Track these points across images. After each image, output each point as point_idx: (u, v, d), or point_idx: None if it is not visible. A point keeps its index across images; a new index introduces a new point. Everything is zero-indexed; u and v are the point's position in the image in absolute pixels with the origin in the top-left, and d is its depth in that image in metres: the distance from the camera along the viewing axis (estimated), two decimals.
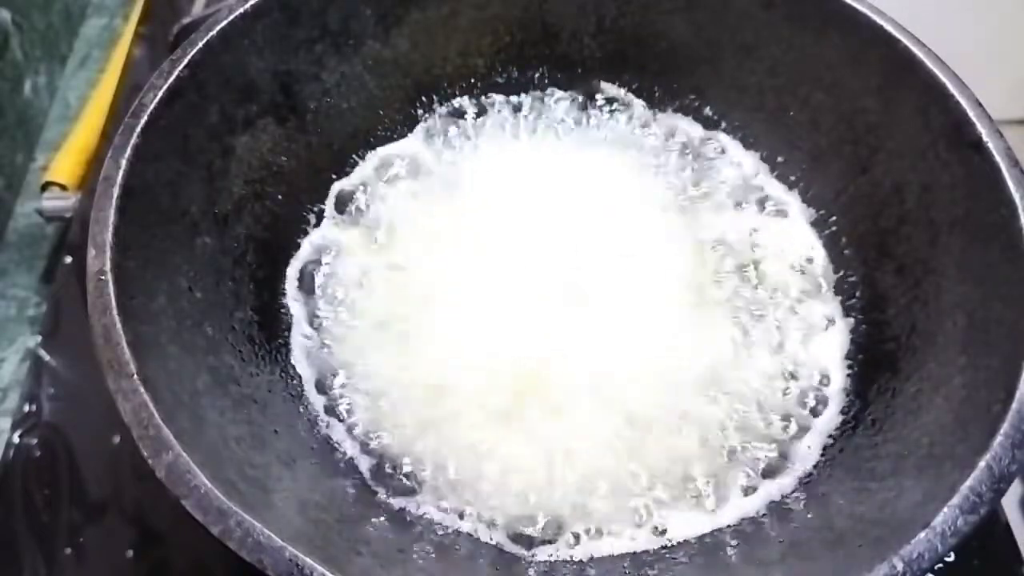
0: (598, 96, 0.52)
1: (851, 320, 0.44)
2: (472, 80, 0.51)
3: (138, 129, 0.36)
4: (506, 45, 0.51)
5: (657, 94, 0.51)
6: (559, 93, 0.52)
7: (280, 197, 0.44)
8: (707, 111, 0.50)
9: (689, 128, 0.50)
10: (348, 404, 0.41)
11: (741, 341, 0.43)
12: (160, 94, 0.37)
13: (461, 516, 0.38)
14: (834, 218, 0.46)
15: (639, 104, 0.51)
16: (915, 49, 0.41)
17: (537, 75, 0.52)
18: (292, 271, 0.44)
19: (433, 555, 0.35)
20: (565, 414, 0.40)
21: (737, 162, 0.49)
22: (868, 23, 0.42)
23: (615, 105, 0.51)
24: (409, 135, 0.50)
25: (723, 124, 0.50)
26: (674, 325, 0.43)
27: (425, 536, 0.36)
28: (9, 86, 0.61)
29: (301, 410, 0.40)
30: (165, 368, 0.32)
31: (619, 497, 0.38)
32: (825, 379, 0.42)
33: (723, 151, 0.50)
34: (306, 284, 0.44)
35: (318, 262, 0.45)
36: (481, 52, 0.50)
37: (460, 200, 0.48)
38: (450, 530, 0.37)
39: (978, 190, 0.38)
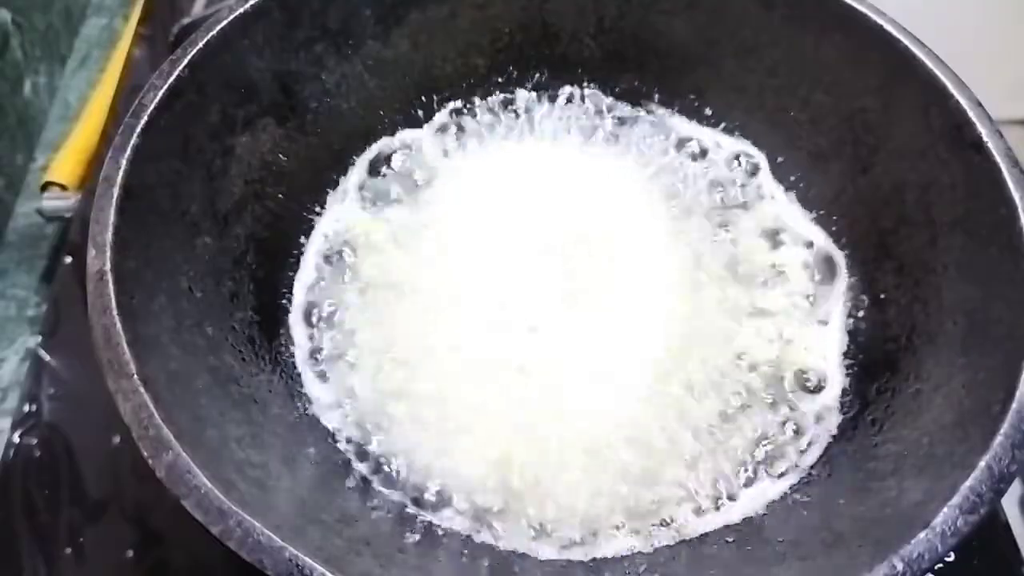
0: (598, 96, 0.52)
1: (851, 320, 0.44)
2: (472, 80, 0.51)
3: (138, 129, 0.36)
4: (506, 45, 0.51)
5: (657, 94, 0.51)
6: (559, 93, 0.52)
7: (280, 197, 0.44)
8: (707, 111, 0.50)
9: (689, 128, 0.50)
10: (349, 404, 0.41)
11: (740, 341, 0.43)
12: (160, 94, 0.37)
13: (461, 516, 0.38)
14: (834, 218, 0.46)
15: (639, 105, 0.51)
16: (915, 49, 0.41)
17: (537, 75, 0.52)
18: (294, 271, 0.45)
19: (433, 555, 0.35)
20: (563, 416, 0.40)
21: (736, 162, 0.49)
22: (868, 23, 0.42)
23: (615, 105, 0.51)
24: (409, 135, 0.50)
25: (723, 124, 0.50)
26: (672, 326, 0.43)
27: (425, 536, 0.36)
28: (9, 86, 0.61)
29: (301, 410, 0.40)
30: (165, 368, 0.32)
31: (618, 498, 0.38)
32: (824, 379, 0.42)
33: (722, 151, 0.50)
34: (307, 283, 0.44)
35: (319, 262, 0.45)
36: (481, 52, 0.50)
37: (459, 200, 0.48)
38: (450, 530, 0.37)
39: (978, 190, 0.38)
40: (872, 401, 0.40)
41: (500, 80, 0.51)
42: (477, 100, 0.51)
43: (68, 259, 0.52)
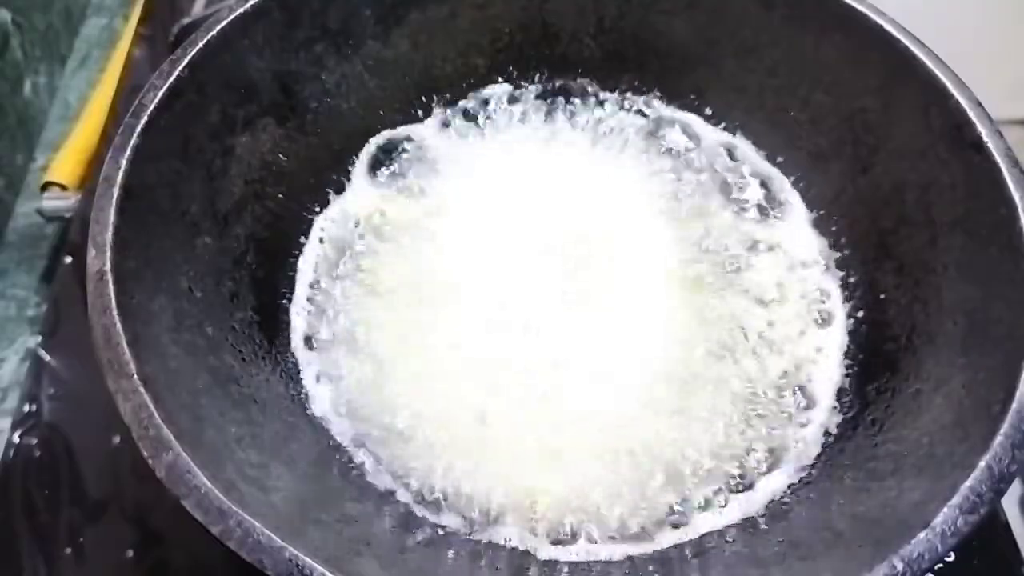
0: (598, 97, 0.52)
1: (851, 320, 0.44)
2: (472, 80, 0.51)
3: (138, 129, 0.36)
4: (506, 45, 0.51)
5: (657, 94, 0.51)
6: (559, 93, 0.52)
7: (280, 197, 0.44)
8: (707, 111, 0.50)
9: (688, 128, 0.50)
10: (349, 404, 0.41)
11: (740, 341, 0.43)
12: (160, 94, 0.37)
13: (461, 516, 0.38)
14: (834, 218, 0.46)
15: (639, 105, 0.51)
16: (915, 49, 0.41)
17: (537, 75, 0.52)
18: (294, 271, 0.44)
19: (434, 555, 0.35)
20: (565, 417, 0.40)
21: (736, 162, 0.49)
22: (868, 23, 0.42)
23: (615, 106, 0.51)
24: (408, 135, 0.50)
25: (723, 124, 0.50)
26: (673, 327, 0.43)
27: (425, 536, 0.36)
28: (9, 86, 0.61)
29: (301, 410, 0.40)
30: (165, 368, 0.32)
31: (618, 498, 0.38)
32: (824, 379, 0.42)
33: (722, 151, 0.50)
34: (307, 283, 0.44)
35: (319, 261, 0.45)
36: (481, 52, 0.50)
37: (459, 201, 0.48)
38: (449, 529, 0.37)
39: (978, 190, 0.38)
40: (872, 401, 0.40)
41: (500, 80, 0.51)
42: (477, 100, 0.51)
43: (68, 259, 0.52)
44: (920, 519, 0.29)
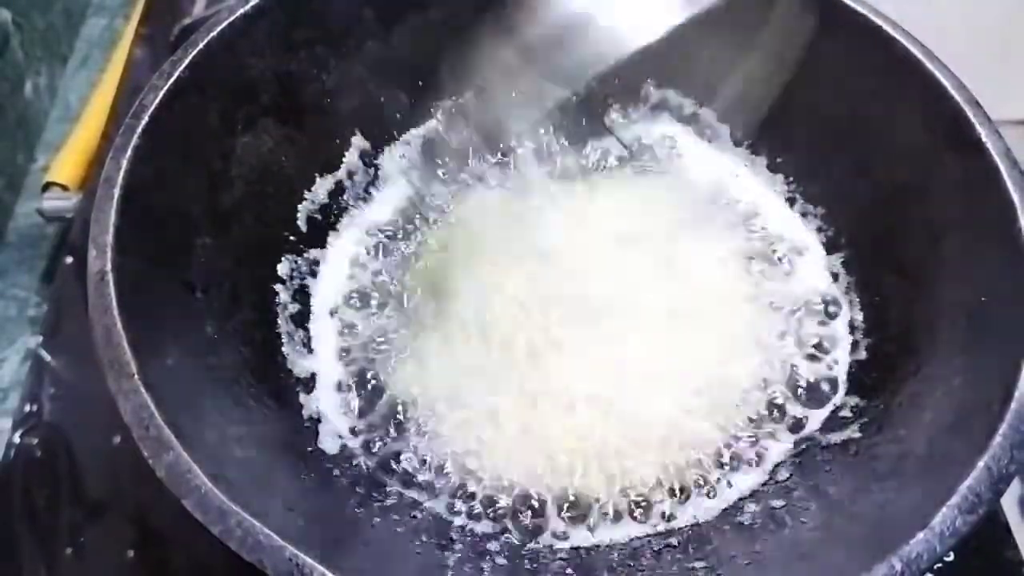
0: (599, 100, 0.52)
1: (851, 320, 0.44)
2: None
3: (139, 130, 0.36)
4: None
5: (656, 94, 0.51)
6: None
7: (280, 197, 0.44)
8: (707, 113, 0.50)
9: (687, 128, 0.50)
10: (349, 403, 0.41)
11: (741, 341, 0.43)
12: (161, 95, 0.37)
13: (462, 511, 0.38)
14: (834, 218, 0.46)
15: (637, 105, 0.51)
16: (915, 49, 0.41)
17: None
18: (288, 269, 0.45)
19: (434, 552, 0.36)
20: (563, 415, 0.40)
21: (736, 163, 0.49)
22: (868, 23, 0.42)
23: (615, 108, 0.51)
24: (411, 135, 0.50)
25: (723, 125, 0.50)
26: (674, 325, 0.43)
27: (426, 532, 0.36)
28: (10, 86, 0.61)
29: (301, 409, 0.40)
30: (165, 368, 0.33)
31: (619, 495, 0.38)
32: (824, 380, 0.42)
33: (722, 152, 0.50)
34: (306, 282, 0.44)
35: (320, 261, 0.45)
36: None
37: (460, 199, 0.48)
38: (453, 524, 0.37)
39: (978, 190, 0.38)
40: (872, 401, 0.40)
41: None
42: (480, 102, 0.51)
43: (69, 259, 0.52)
44: (919, 519, 0.29)
